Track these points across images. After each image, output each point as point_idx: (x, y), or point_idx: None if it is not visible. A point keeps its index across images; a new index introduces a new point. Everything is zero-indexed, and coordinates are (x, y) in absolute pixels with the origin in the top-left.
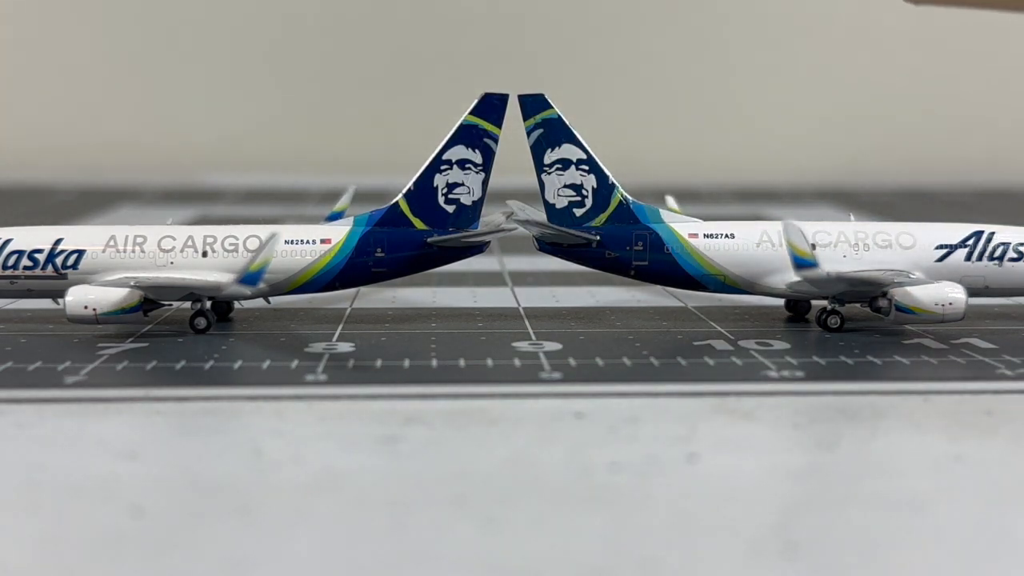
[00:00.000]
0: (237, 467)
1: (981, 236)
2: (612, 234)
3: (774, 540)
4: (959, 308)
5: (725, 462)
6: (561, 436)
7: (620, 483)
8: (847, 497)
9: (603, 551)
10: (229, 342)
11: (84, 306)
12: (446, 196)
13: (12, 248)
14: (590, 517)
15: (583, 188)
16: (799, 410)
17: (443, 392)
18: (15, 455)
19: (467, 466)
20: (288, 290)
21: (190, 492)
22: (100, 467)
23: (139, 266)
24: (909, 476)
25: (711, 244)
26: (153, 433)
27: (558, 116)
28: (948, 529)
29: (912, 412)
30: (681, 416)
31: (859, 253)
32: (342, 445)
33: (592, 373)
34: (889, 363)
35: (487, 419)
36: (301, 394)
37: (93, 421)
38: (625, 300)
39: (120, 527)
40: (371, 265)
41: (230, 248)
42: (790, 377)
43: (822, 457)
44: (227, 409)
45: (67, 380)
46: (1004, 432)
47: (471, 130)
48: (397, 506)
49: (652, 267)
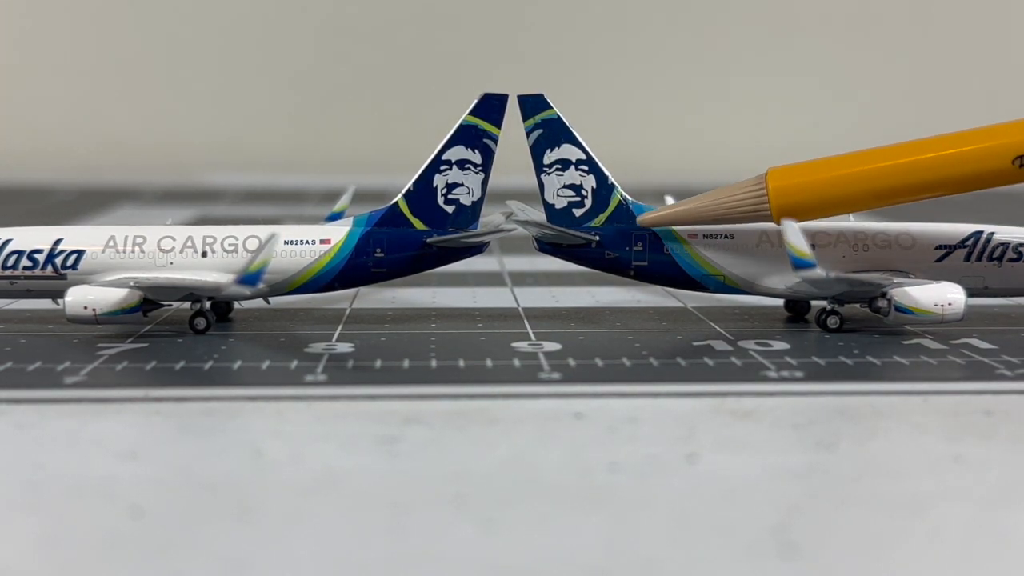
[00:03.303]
0: (237, 467)
1: (981, 236)
2: (612, 234)
3: (773, 541)
4: (958, 308)
5: (725, 462)
6: (560, 436)
7: (619, 483)
8: (847, 497)
9: (602, 551)
10: (229, 342)
11: (84, 306)
12: (446, 196)
13: (12, 248)
14: (589, 517)
15: (583, 188)
16: (798, 410)
17: (442, 392)
18: (15, 455)
19: (466, 466)
20: (288, 290)
21: (190, 492)
22: (100, 467)
23: (139, 266)
24: (908, 476)
25: (711, 244)
26: (153, 433)
27: (558, 116)
28: (947, 529)
29: (911, 412)
30: (680, 416)
31: (859, 254)
32: (342, 445)
33: (591, 373)
34: (888, 363)
35: (486, 419)
36: (301, 394)
37: (93, 421)
38: (625, 300)
39: (120, 527)
40: (371, 265)
41: (230, 248)
42: (789, 377)
43: (822, 457)
44: (227, 409)
45: (67, 380)
46: (1003, 432)
47: (471, 130)
48: (397, 506)
49: (651, 267)
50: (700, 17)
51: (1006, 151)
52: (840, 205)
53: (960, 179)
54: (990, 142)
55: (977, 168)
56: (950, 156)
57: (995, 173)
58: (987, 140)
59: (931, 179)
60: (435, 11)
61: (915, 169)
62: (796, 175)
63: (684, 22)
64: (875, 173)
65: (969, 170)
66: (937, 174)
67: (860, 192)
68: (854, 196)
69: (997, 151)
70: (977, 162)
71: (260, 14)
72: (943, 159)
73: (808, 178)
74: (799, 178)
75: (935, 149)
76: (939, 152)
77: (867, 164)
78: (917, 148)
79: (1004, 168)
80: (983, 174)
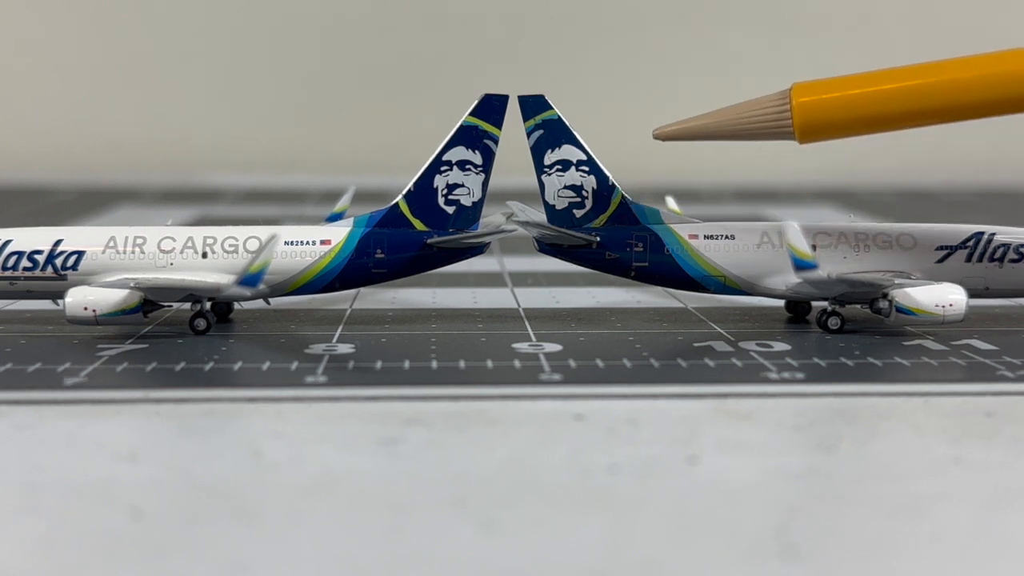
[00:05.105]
0: (237, 469)
1: (982, 237)
2: (612, 235)
3: (774, 542)
4: (960, 309)
5: (725, 464)
6: (561, 438)
7: (620, 485)
8: (847, 499)
9: (602, 553)
10: (229, 343)
11: (84, 307)
12: (446, 197)
13: (11, 249)
14: (590, 519)
15: (583, 189)
16: (799, 412)
17: (443, 394)
18: (14, 457)
19: (467, 468)
20: (288, 291)
21: (190, 494)
22: (99, 469)
23: (139, 267)
24: (909, 478)
25: (711, 245)
26: (153, 434)
27: (558, 117)
28: (948, 531)
29: (912, 414)
30: (681, 418)
31: (860, 254)
32: (342, 446)
33: (592, 374)
34: (889, 365)
35: (487, 420)
36: (301, 395)
37: (92, 422)
38: (625, 301)
39: (119, 529)
40: (371, 266)
41: (230, 249)
42: (790, 379)
43: (822, 459)
44: (227, 410)
45: (66, 381)
46: (1005, 434)
47: (471, 131)
48: (397, 508)
49: (652, 268)
50: (701, 17)
51: None
52: (867, 124)
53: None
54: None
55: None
56: (982, 78)
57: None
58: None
59: (958, 102)
60: (436, 11)
61: (945, 90)
62: (822, 90)
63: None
64: (902, 93)
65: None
66: (967, 97)
67: (887, 112)
68: (881, 115)
69: None
70: (1009, 86)
71: (260, 14)
72: (974, 81)
73: (835, 94)
74: (825, 93)
75: (966, 70)
76: (970, 73)
77: (894, 82)
78: (948, 68)
79: None
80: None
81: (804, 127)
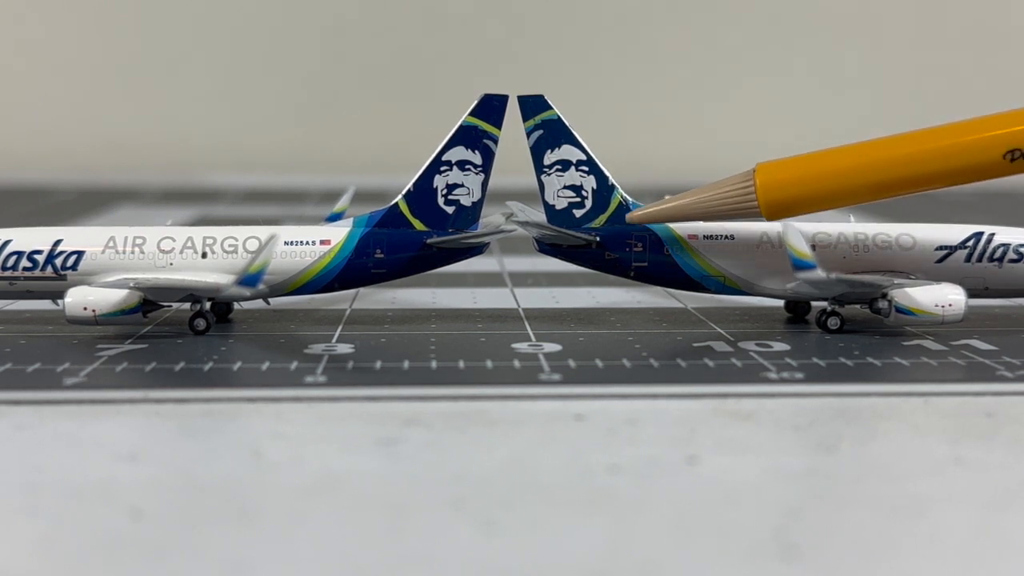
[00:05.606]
0: (237, 469)
1: (981, 237)
2: (612, 235)
3: (774, 542)
4: (959, 309)
5: (725, 464)
6: (560, 438)
7: (620, 485)
8: (847, 499)
9: (603, 553)
10: (228, 343)
11: (83, 307)
12: (446, 197)
13: (11, 249)
14: (589, 519)
15: (583, 189)
16: (799, 412)
17: (442, 394)
18: (14, 457)
19: (466, 468)
20: (288, 291)
21: (189, 494)
22: (99, 469)
23: (138, 267)
24: (909, 478)
25: (711, 245)
26: (152, 435)
27: (558, 117)
28: (948, 531)
29: (912, 414)
30: (681, 418)
31: (859, 254)
32: (341, 447)
33: (592, 375)
34: (889, 365)
35: (486, 421)
36: (301, 395)
37: (92, 423)
38: (625, 301)
39: (119, 529)
40: (371, 266)
41: (229, 249)
42: (790, 379)
43: (822, 459)
44: (227, 411)
45: (66, 381)
46: (1005, 434)
47: (471, 131)
48: (396, 508)
49: (652, 268)
50: (701, 17)
51: (996, 144)
52: (829, 200)
53: (949, 173)
54: (980, 134)
55: (966, 162)
56: (939, 150)
57: (985, 167)
58: (977, 133)
59: (920, 173)
60: (435, 11)
61: (904, 163)
62: (784, 170)
63: (684, 22)
64: (863, 168)
65: (958, 164)
66: (926, 168)
67: (848, 187)
68: (842, 191)
69: (987, 144)
70: (966, 156)
71: (260, 14)
72: (932, 153)
73: (796, 173)
74: (787, 173)
75: (924, 143)
76: (928, 146)
77: (855, 159)
78: (906, 142)
79: (995, 162)
80: (974, 167)
81: (769, 206)
